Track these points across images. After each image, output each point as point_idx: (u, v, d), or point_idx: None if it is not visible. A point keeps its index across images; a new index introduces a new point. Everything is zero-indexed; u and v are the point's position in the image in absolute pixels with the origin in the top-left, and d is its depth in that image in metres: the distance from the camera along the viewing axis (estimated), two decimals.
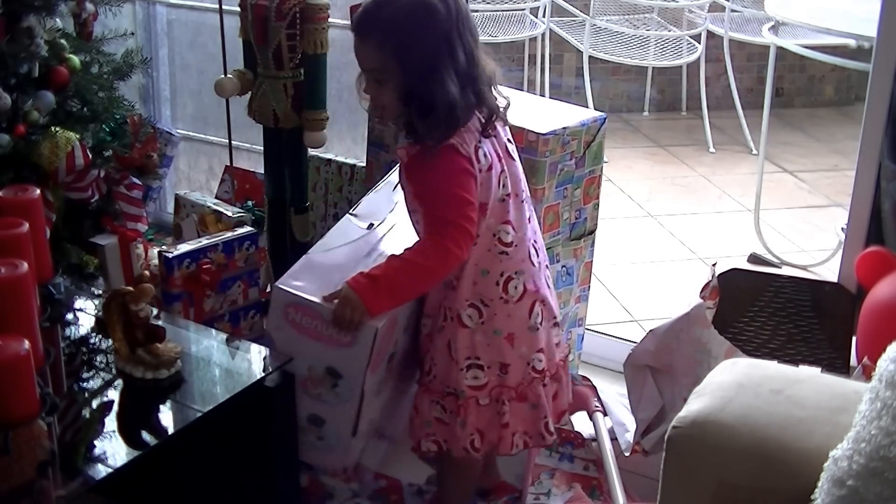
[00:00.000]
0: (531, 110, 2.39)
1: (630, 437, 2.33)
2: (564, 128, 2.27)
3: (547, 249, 2.10)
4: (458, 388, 1.92)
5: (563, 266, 2.42)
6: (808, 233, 3.93)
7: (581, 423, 2.41)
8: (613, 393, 2.48)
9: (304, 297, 1.84)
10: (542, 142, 2.22)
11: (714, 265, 2.31)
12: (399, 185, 2.00)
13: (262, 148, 2.82)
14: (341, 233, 2.04)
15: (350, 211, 2.11)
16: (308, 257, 1.97)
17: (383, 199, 2.15)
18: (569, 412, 2.22)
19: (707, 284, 2.28)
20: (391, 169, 2.59)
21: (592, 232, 2.47)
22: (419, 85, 1.77)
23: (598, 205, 2.46)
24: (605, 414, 2.38)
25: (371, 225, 2.05)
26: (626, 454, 2.30)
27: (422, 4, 1.77)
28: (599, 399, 2.42)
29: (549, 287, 2.00)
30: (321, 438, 1.94)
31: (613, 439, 2.33)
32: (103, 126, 2.54)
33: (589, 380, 2.48)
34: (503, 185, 1.87)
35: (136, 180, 2.54)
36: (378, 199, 2.15)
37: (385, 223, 2.07)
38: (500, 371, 1.93)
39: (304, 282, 1.87)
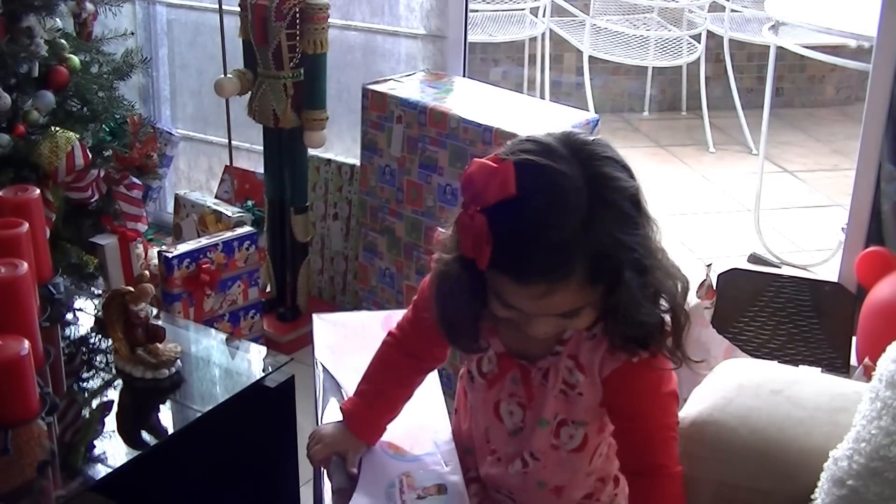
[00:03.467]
0: (523, 112, 2.39)
1: None
2: None
3: None
4: None
5: None
6: (808, 233, 3.93)
7: None
8: None
9: None
10: None
11: (709, 265, 2.31)
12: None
13: (261, 148, 2.83)
14: None
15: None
16: None
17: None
18: None
19: (703, 284, 2.28)
20: (390, 176, 2.59)
21: None
22: (635, 295, 1.28)
23: None
24: None
25: None
26: None
27: (629, 200, 1.35)
28: None
29: None
30: None
31: None
32: (103, 126, 2.54)
33: None
34: None
35: (135, 180, 2.54)
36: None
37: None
38: None
39: None
